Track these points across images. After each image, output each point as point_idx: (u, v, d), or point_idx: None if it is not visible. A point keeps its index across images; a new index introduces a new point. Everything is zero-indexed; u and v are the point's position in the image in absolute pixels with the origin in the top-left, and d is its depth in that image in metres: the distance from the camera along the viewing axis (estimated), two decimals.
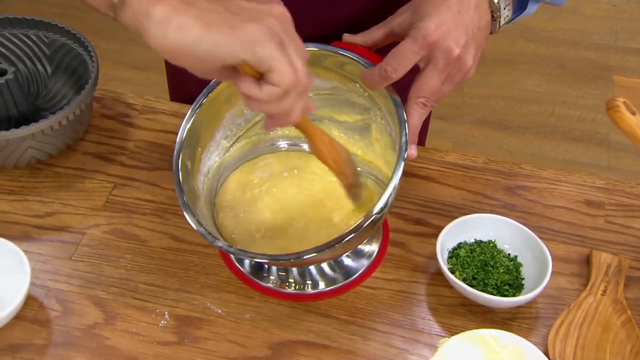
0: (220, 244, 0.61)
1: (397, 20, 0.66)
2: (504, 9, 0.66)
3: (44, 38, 0.84)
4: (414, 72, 0.64)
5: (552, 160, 1.94)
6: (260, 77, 0.49)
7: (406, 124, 0.63)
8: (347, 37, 0.69)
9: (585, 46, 2.33)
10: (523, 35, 2.35)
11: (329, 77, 0.70)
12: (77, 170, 0.80)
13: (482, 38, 0.65)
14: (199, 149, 0.69)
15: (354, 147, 0.74)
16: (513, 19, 0.69)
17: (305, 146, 0.75)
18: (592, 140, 1.99)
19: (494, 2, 0.65)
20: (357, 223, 0.59)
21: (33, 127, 0.73)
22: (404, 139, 0.62)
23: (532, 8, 0.71)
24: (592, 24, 2.42)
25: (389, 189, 0.60)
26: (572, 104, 2.11)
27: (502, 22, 0.67)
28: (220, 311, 0.68)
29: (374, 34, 0.67)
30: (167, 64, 0.97)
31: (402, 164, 0.61)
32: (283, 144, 0.76)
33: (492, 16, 0.66)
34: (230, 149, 0.73)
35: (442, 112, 2.04)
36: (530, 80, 2.20)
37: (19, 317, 0.66)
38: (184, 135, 0.66)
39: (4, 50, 0.84)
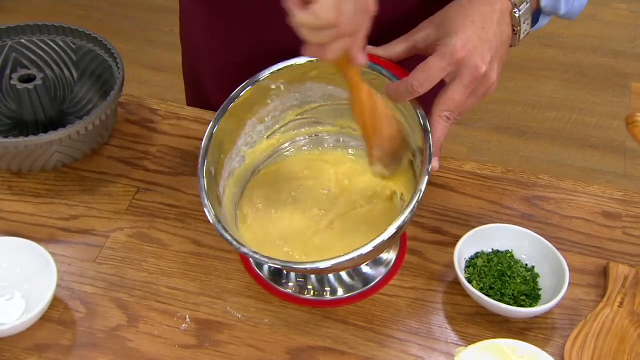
0: (245, 250, 0.62)
1: (420, 35, 0.67)
2: (524, 23, 0.67)
3: (71, 44, 0.86)
4: (438, 85, 0.65)
5: (568, 167, 1.93)
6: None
7: (430, 137, 0.64)
8: (369, 49, 0.70)
9: (603, 53, 2.32)
10: (541, 41, 2.34)
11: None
12: (101, 175, 0.82)
13: (504, 52, 0.66)
14: (222, 156, 0.70)
15: (362, 163, 0.75)
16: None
17: (327, 149, 0.76)
18: (609, 148, 1.98)
19: (515, 17, 0.66)
20: (378, 236, 0.60)
21: (60, 133, 0.74)
22: (428, 151, 0.63)
23: (543, 21, 0.73)
24: (611, 30, 2.41)
25: (413, 203, 0.61)
26: (590, 111, 2.10)
27: (522, 35, 0.68)
28: (240, 316, 0.69)
29: (396, 48, 0.68)
30: (185, 71, 0.99)
31: (427, 177, 0.62)
32: (306, 147, 0.77)
33: (513, 30, 0.67)
34: (251, 155, 0.74)
35: None
36: (548, 86, 2.19)
37: (45, 318, 0.67)
38: (209, 141, 0.67)
39: (32, 57, 0.86)
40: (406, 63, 0.68)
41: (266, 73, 0.69)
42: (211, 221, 0.64)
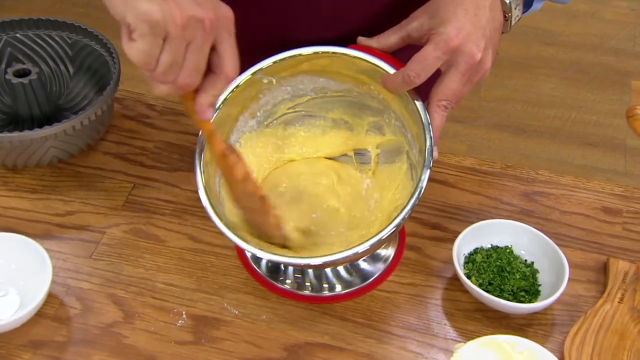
0: (252, 249, 0.61)
1: (413, 25, 0.66)
2: (515, 8, 0.68)
3: (67, 39, 0.86)
4: (433, 74, 0.65)
5: (568, 165, 1.93)
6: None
7: (430, 128, 0.63)
8: (362, 40, 0.70)
9: (603, 51, 2.31)
10: (541, 39, 2.34)
11: (344, 80, 0.71)
12: (97, 170, 0.81)
13: (497, 38, 0.67)
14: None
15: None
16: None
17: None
18: (609, 146, 1.98)
19: (506, 3, 0.66)
20: (378, 232, 0.59)
21: (55, 128, 0.74)
22: (429, 143, 0.62)
23: (537, 5, 0.73)
24: (611, 28, 2.40)
25: (414, 197, 0.60)
26: (590, 109, 2.10)
27: (513, 21, 0.69)
28: (237, 312, 0.68)
29: (390, 38, 0.68)
30: None
31: (429, 171, 0.61)
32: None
33: (504, 16, 0.67)
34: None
35: (458, 115, 2.03)
36: (548, 84, 2.19)
37: (40, 314, 0.67)
38: (204, 138, 0.67)
39: (27, 51, 0.86)
40: (399, 53, 0.68)
41: (258, 67, 0.69)
42: (214, 220, 0.62)
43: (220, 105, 0.68)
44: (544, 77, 2.21)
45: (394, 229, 0.60)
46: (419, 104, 0.64)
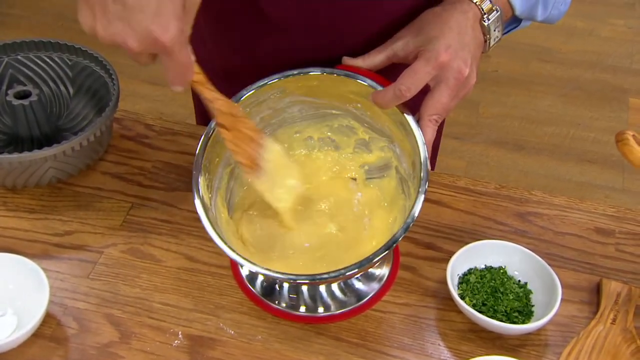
0: (254, 268, 0.61)
1: (398, 44, 0.69)
2: (494, 30, 0.70)
3: (67, 60, 0.87)
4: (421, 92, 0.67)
5: (566, 182, 1.93)
6: None
7: (424, 142, 0.65)
8: (347, 60, 0.72)
9: (601, 68, 2.33)
10: (539, 56, 2.36)
11: (331, 99, 0.72)
12: (96, 190, 0.82)
13: (478, 56, 0.70)
14: (210, 175, 0.70)
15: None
16: (506, 32, 0.73)
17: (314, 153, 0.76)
18: (607, 163, 1.98)
19: (484, 25, 0.69)
20: (374, 252, 0.60)
21: (55, 148, 0.75)
22: (423, 155, 0.64)
23: (524, 23, 0.76)
24: (609, 46, 2.42)
25: (413, 214, 0.61)
26: (587, 126, 2.11)
27: (492, 42, 0.71)
28: (232, 332, 0.69)
29: (376, 58, 0.70)
30: (194, 93, 0.99)
31: (425, 185, 0.62)
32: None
33: (484, 37, 0.70)
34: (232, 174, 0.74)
35: (457, 132, 2.04)
36: (545, 101, 2.20)
37: (37, 335, 0.67)
38: (200, 161, 0.67)
39: (28, 73, 0.87)
40: (383, 73, 0.70)
41: (249, 91, 0.69)
42: (214, 239, 0.63)
43: (210, 133, 0.68)
44: (542, 94, 2.23)
45: (386, 250, 0.60)
46: (409, 117, 0.66)
